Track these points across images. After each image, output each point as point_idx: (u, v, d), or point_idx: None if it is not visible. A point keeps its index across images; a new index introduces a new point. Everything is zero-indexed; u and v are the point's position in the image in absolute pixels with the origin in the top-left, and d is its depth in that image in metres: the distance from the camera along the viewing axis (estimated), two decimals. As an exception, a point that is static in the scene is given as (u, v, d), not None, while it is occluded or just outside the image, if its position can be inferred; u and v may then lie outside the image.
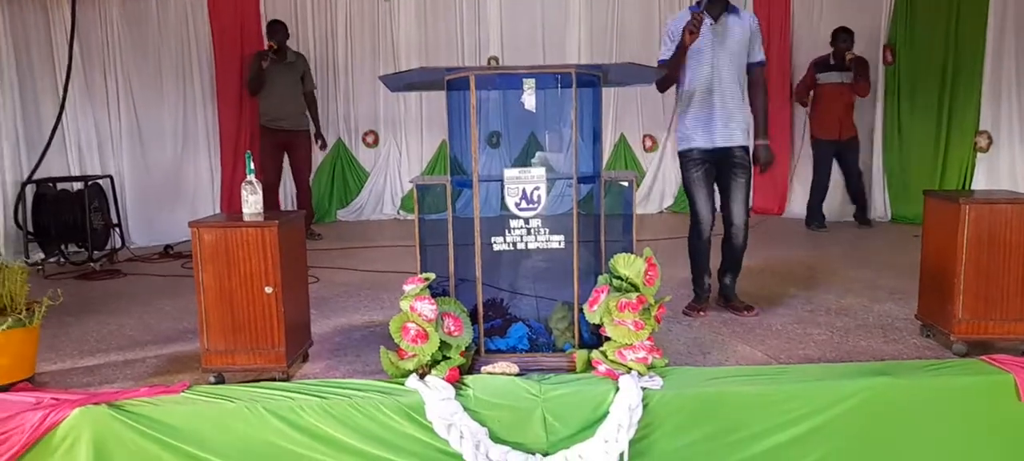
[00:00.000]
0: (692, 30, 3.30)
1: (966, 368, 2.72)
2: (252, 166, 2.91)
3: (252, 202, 2.83)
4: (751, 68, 3.57)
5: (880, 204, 6.79)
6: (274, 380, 2.71)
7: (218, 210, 6.51)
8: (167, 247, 5.60)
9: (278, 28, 5.89)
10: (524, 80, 2.68)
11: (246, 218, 2.78)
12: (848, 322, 3.49)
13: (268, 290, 2.67)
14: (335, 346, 3.24)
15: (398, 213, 7.30)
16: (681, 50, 3.39)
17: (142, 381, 2.82)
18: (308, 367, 2.98)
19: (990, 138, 6.38)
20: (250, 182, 2.85)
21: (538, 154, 2.83)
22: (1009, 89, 6.24)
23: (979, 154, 6.42)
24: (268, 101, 5.89)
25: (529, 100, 2.71)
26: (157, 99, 6.16)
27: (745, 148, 3.56)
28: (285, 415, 2.48)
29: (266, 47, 5.89)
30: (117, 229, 5.54)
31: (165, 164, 6.25)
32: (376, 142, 7.41)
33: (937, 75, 6.50)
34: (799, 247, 5.53)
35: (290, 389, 2.58)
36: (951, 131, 6.51)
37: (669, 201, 7.46)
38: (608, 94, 7.00)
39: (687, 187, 3.61)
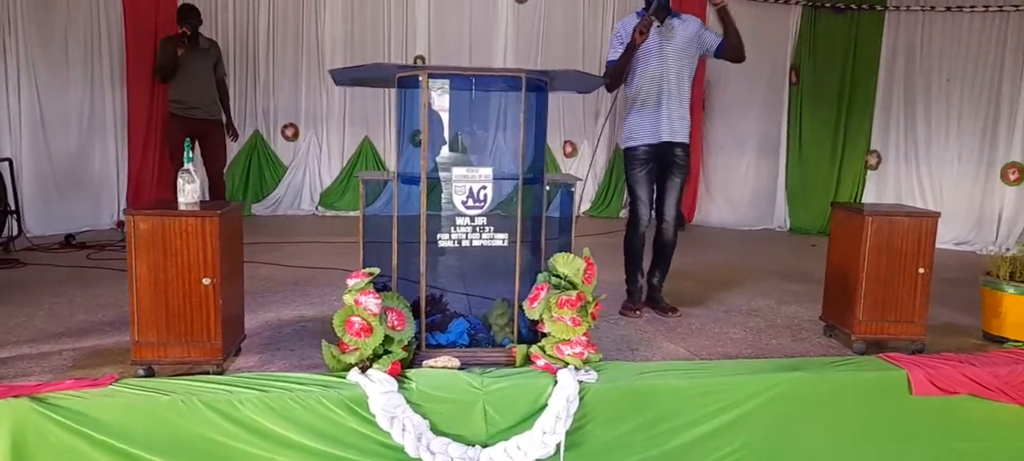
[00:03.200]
0: (642, 30, 3.48)
1: (865, 364, 2.99)
2: (191, 154, 2.84)
3: (189, 191, 2.76)
4: (720, 50, 3.70)
5: (781, 214, 7.25)
6: (208, 374, 2.65)
7: (124, 200, 6.20)
8: (68, 237, 5.29)
9: (192, 13, 5.67)
10: (434, 81, 2.72)
11: (182, 207, 2.71)
12: (759, 322, 3.74)
13: (206, 282, 2.61)
14: (267, 341, 3.19)
15: (317, 209, 7.18)
16: (631, 50, 3.56)
17: (62, 374, 2.69)
18: (241, 361, 2.92)
19: (879, 156, 6.96)
20: (187, 170, 2.78)
21: (448, 151, 2.87)
22: (898, 112, 6.83)
23: (870, 171, 6.98)
24: (181, 88, 5.66)
25: (439, 101, 2.77)
26: (62, 81, 5.81)
27: (686, 147, 3.75)
28: (223, 408, 2.44)
29: (179, 33, 5.65)
30: (14, 216, 5.20)
31: (68, 150, 5.90)
32: (296, 135, 7.26)
33: (835, 97, 7.04)
34: (710, 252, 5.84)
35: (227, 382, 2.53)
36: (846, 149, 7.06)
37: (586, 205, 7.68)
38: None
39: (630, 184, 3.77)
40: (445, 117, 2.91)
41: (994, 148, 6.52)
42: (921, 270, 3.19)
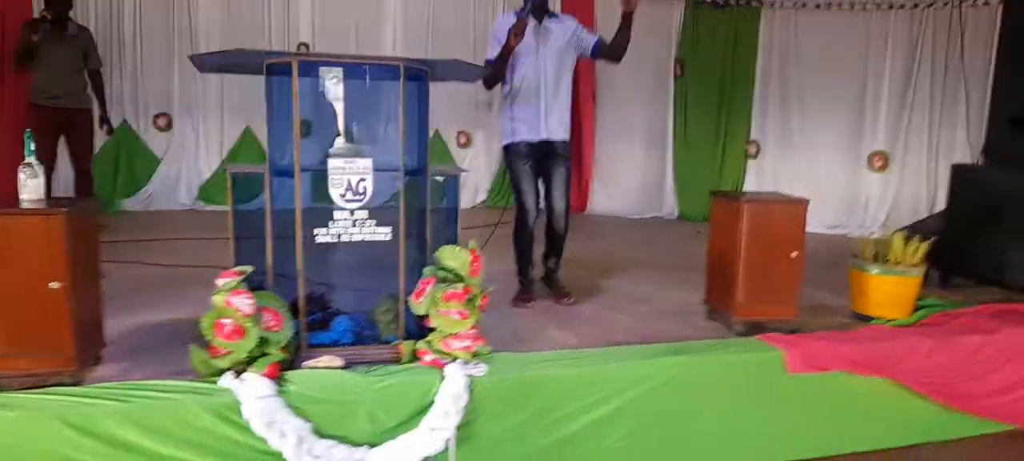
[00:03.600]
0: (517, 33, 3.48)
1: (745, 346, 3.09)
2: (32, 146, 2.57)
3: (32, 186, 2.50)
4: (596, 50, 3.77)
5: (670, 202, 7.48)
6: (62, 385, 2.41)
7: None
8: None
9: None
10: (323, 70, 2.60)
11: (25, 204, 2.45)
12: (647, 308, 3.81)
13: (54, 286, 2.37)
14: (131, 347, 2.94)
15: (195, 203, 6.78)
16: (507, 51, 3.54)
17: None
18: (102, 371, 2.68)
19: (758, 146, 7.30)
20: (29, 164, 2.51)
21: (343, 143, 2.74)
22: (775, 104, 7.19)
23: (750, 160, 7.31)
24: (42, 75, 5.18)
25: (334, 90, 2.65)
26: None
27: (566, 142, 3.78)
28: (80, 424, 2.22)
29: (39, 16, 5.17)
30: None
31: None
32: (169, 126, 6.82)
33: (716, 89, 7.32)
34: (601, 240, 5.94)
35: (85, 393, 2.31)
36: (727, 139, 7.36)
37: (483, 195, 7.65)
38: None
39: (514, 180, 3.76)
40: (337, 107, 2.77)
41: (861, 138, 6.97)
42: (793, 254, 3.34)
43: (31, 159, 2.53)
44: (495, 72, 3.65)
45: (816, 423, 3.08)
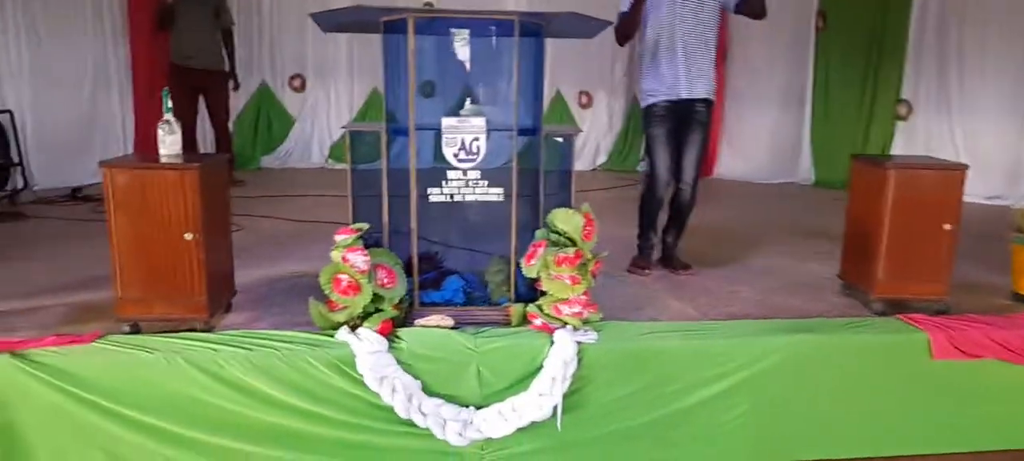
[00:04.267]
0: None
1: (883, 326, 2.83)
2: (169, 104, 2.72)
3: (169, 142, 2.65)
4: (738, 5, 3.49)
5: (805, 167, 7.00)
6: (195, 331, 2.58)
7: (130, 151, 6.14)
8: (75, 189, 5.25)
9: None
10: (454, 31, 2.58)
11: (163, 159, 2.60)
12: (774, 281, 3.58)
13: (188, 236, 2.51)
14: (259, 297, 3.11)
15: (326, 161, 7.07)
16: (638, 3, 3.33)
17: (49, 330, 2.63)
18: (231, 318, 2.85)
19: (910, 107, 6.63)
20: (167, 121, 2.67)
21: (469, 105, 2.73)
22: (930, 61, 6.47)
23: (899, 122, 6.67)
24: (179, 37, 5.54)
25: (462, 51, 2.62)
26: (66, 31, 5.70)
27: (708, 102, 3.54)
28: (207, 367, 2.36)
29: None
30: (19, 169, 5.16)
31: (73, 101, 5.82)
32: (303, 87, 7.12)
33: (864, 44, 6.68)
34: (728, 207, 5.64)
35: (213, 340, 2.45)
36: (875, 99, 6.73)
37: (603, 158, 7.48)
38: (546, 48, 6.91)
39: (649, 143, 3.59)
40: (457, 66, 2.75)
41: (1034, 97, 6.16)
42: (947, 226, 3.00)
43: (168, 116, 2.68)
44: (626, 24, 3.42)
45: (963, 416, 2.79)
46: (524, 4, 7.04)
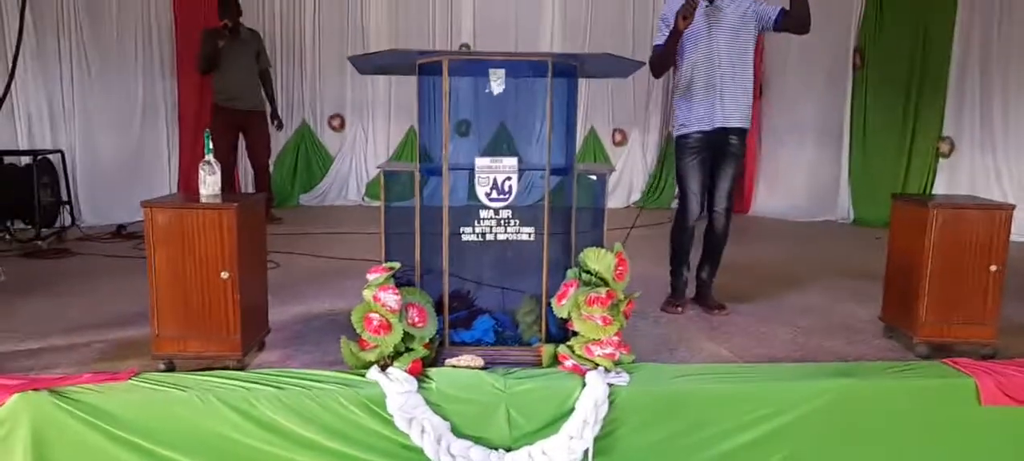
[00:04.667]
0: (685, 15, 3.23)
1: (928, 371, 2.72)
2: (211, 145, 2.79)
3: (210, 182, 2.71)
4: (779, 22, 3.43)
5: (844, 205, 6.87)
6: (228, 369, 2.60)
7: (175, 189, 6.30)
8: (120, 227, 5.40)
9: (231, 5, 5.71)
10: (490, 70, 2.61)
11: (203, 199, 2.66)
12: (812, 322, 3.49)
13: (224, 275, 2.55)
14: (294, 335, 3.13)
15: (363, 199, 7.17)
16: (674, 36, 3.33)
17: (87, 367, 2.68)
18: (264, 356, 2.87)
19: (952, 144, 6.49)
20: (209, 162, 2.73)
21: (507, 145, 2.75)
22: (973, 97, 6.34)
23: (941, 159, 6.52)
24: (223, 79, 5.71)
25: (498, 89, 2.64)
26: (114, 71, 5.94)
27: (743, 133, 3.52)
28: (238, 406, 2.37)
29: (220, 24, 5.69)
30: (67, 206, 5.32)
31: (120, 140, 6.03)
32: (342, 126, 7.26)
33: (903, 81, 6.59)
34: (764, 245, 5.56)
35: (245, 378, 2.47)
36: (915, 136, 6.61)
37: (636, 195, 7.46)
38: (580, 86, 6.97)
39: (680, 173, 3.56)
40: (491, 106, 2.78)
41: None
42: (993, 268, 2.91)
43: (209, 157, 2.75)
44: (663, 58, 3.43)
45: (1014, 466, 2.66)
46: (558, 46, 7.12)
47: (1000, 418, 2.62)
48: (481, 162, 2.65)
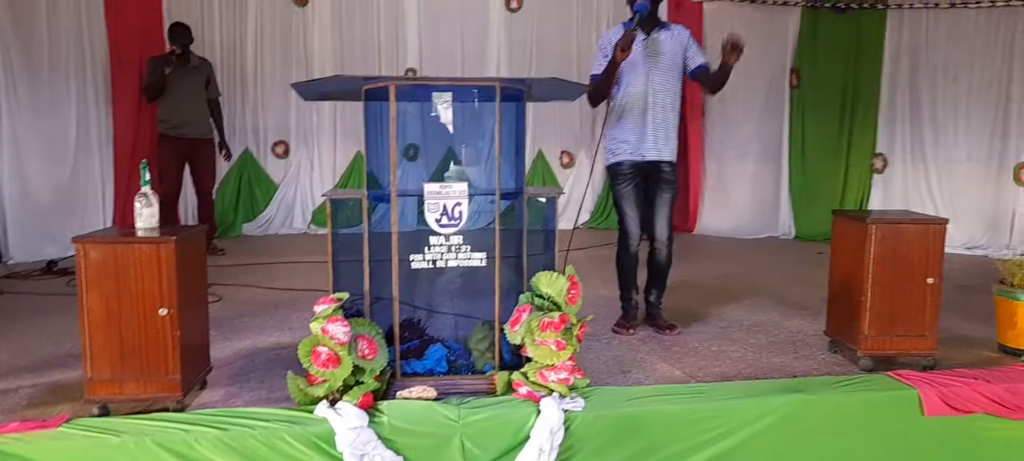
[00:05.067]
0: (623, 47, 3.28)
1: (873, 384, 2.79)
2: (147, 176, 2.68)
3: (146, 215, 2.61)
4: (696, 73, 3.55)
5: (786, 221, 7.05)
6: (167, 410, 2.48)
7: (110, 223, 6.06)
8: (50, 263, 5.16)
9: (182, 32, 5.56)
10: (435, 94, 2.59)
11: (140, 233, 2.55)
12: (761, 339, 3.55)
13: (162, 312, 2.45)
14: (237, 372, 3.02)
15: (309, 227, 7.02)
16: (612, 66, 3.37)
17: (14, 414, 2.53)
18: (206, 395, 2.76)
19: (885, 160, 6.74)
20: (144, 194, 2.62)
21: (454, 167, 2.73)
22: (903, 114, 6.62)
23: (875, 175, 6.77)
24: (170, 107, 5.54)
25: (445, 114, 2.62)
26: (46, 102, 5.68)
27: (673, 164, 3.58)
28: (177, 449, 2.26)
29: (168, 51, 5.54)
30: (-7, 243, 5.07)
31: (52, 172, 5.76)
32: (286, 153, 7.12)
33: (837, 99, 6.83)
34: (710, 263, 5.64)
35: (184, 420, 2.36)
36: (850, 153, 6.85)
37: (585, 217, 7.49)
38: (528, 109, 7.00)
39: (616, 201, 3.60)
40: (439, 130, 2.76)
41: (1006, 147, 6.29)
42: (930, 280, 3.00)
43: (145, 189, 2.64)
44: (599, 88, 3.48)
45: (957, 474, 2.73)
46: (504, 71, 7.14)
47: (943, 428, 2.69)
48: (430, 188, 2.61)
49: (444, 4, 7.15)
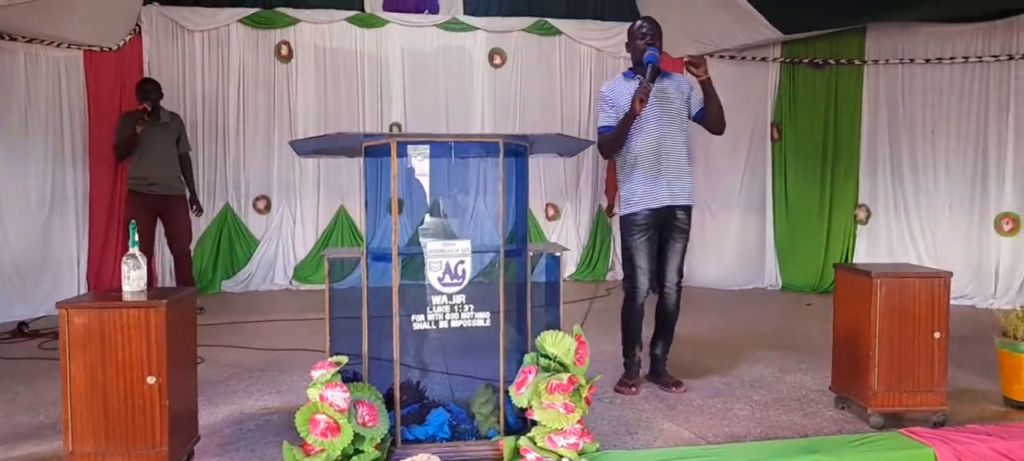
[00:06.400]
0: (642, 98, 3.26)
1: (888, 442, 2.73)
2: (136, 238, 2.56)
3: (134, 278, 2.47)
4: (699, 115, 3.55)
5: (772, 272, 7.05)
6: (154, 485, 2.33)
7: (84, 283, 5.86)
8: (21, 324, 4.94)
9: (152, 88, 5.47)
10: (411, 147, 2.54)
11: (127, 296, 2.43)
12: (765, 395, 3.47)
13: (151, 380, 2.31)
14: (226, 440, 2.86)
15: (291, 283, 6.86)
16: (629, 119, 3.34)
17: (-14, 492, 2.36)
18: (195, 467, 2.60)
19: (868, 211, 6.80)
20: (133, 256, 2.50)
21: (435, 217, 2.67)
22: (884, 166, 6.70)
23: (859, 226, 6.82)
24: (140, 164, 5.42)
25: (420, 166, 2.57)
26: (21, 160, 5.55)
27: (688, 209, 3.53)
28: (168, 529, 2.12)
29: (139, 108, 5.43)
30: (-39, 304, 4.85)
31: (25, 231, 5.58)
32: (268, 208, 6.99)
33: (818, 152, 6.91)
34: (701, 316, 5.57)
35: (175, 497, 2.22)
36: (833, 204, 6.90)
37: (572, 269, 7.44)
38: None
39: (628, 252, 3.52)
40: (425, 184, 2.70)
41: (985, 198, 6.38)
42: (937, 335, 2.97)
43: (134, 250, 2.52)
44: (616, 139, 3.43)
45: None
46: (489, 126, 7.14)
47: (959, 486, 2.62)
48: (433, 245, 2.53)
49: (427, 60, 7.17)
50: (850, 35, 6.72)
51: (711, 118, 3.54)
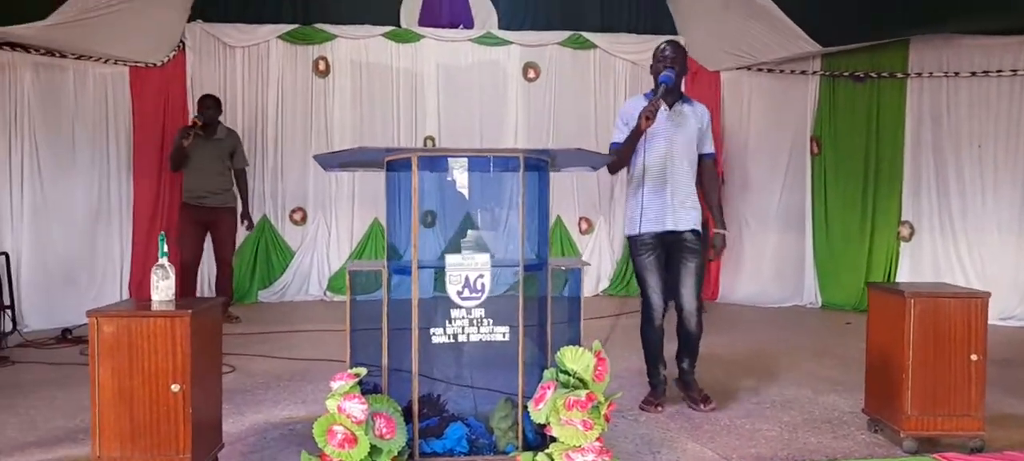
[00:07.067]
0: (648, 116, 3.23)
1: (921, 467, 2.63)
2: (165, 248, 2.63)
3: (163, 288, 2.54)
4: (702, 159, 3.55)
5: (811, 290, 6.89)
6: (177, 492, 2.37)
7: (126, 292, 6.04)
8: (65, 331, 5.11)
9: (209, 104, 5.65)
10: (451, 160, 2.55)
11: (155, 306, 2.49)
12: (796, 416, 3.39)
13: (175, 388, 2.36)
14: (249, 448, 2.91)
15: (325, 294, 6.96)
16: (636, 135, 3.33)
17: (19, 494, 2.43)
18: (217, 474, 2.64)
19: (912, 228, 6.60)
20: (161, 266, 2.56)
21: (471, 233, 2.67)
22: (929, 181, 6.49)
23: (903, 243, 6.62)
24: (191, 177, 5.60)
25: (460, 178, 2.57)
26: (68, 172, 5.76)
27: (696, 232, 3.48)
28: (187, 536, 2.15)
29: (191, 122, 5.62)
30: (8, 311, 5.02)
31: (72, 240, 5.79)
32: (304, 220, 7.11)
33: (860, 167, 6.73)
34: (736, 334, 5.49)
35: (195, 504, 2.25)
36: (875, 220, 6.70)
37: (605, 283, 7.39)
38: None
39: (638, 272, 3.49)
40: (456, 198, 2.71)
41: (1038, 215, 6.13)
42: (974, 357, 2.86)
43: (163, 261, 2.58)
44: (621, 156, 3.43)
45: None
46: (522, 140, 7.16)
47: (997, 515, 2.52)
48: (452, 259, 2.54)
49: (462, 74, 7.23)
50: (892, 48, 6.55)
51: (703, 186, 3.62)
